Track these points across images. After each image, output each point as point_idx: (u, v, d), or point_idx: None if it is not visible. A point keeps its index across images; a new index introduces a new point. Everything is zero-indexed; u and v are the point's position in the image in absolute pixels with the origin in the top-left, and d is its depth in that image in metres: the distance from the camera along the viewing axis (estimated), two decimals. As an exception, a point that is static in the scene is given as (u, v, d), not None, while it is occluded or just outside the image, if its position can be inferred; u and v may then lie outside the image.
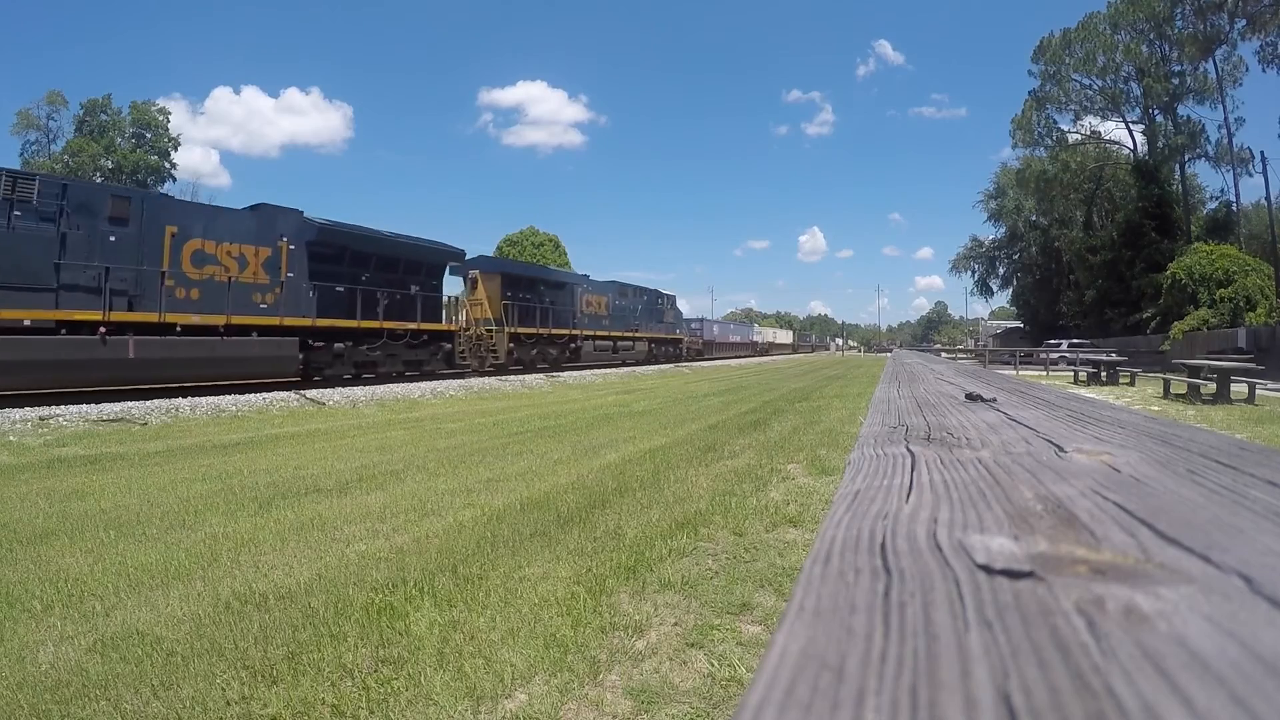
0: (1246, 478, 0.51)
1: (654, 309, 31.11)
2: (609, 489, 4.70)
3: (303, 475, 5.34)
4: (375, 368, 15.37)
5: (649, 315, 30.27)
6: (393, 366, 15.76)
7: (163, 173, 48.39)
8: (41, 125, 46.23)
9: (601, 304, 25.87)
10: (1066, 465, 0.59)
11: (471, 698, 1.98)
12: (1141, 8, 33.76)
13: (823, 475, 5.03)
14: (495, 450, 6.58)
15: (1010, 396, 1.35)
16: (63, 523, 3.97)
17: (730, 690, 2.04)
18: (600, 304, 25.76)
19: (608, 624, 2.47)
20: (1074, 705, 0.21)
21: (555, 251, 63.61)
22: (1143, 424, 0.86)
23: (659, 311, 31.62)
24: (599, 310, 25.64)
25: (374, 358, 15.14)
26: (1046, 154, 40.52)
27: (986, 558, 0.35)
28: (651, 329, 30.42)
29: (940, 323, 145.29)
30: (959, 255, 56.64)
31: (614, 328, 26.55)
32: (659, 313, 31.60)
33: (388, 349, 15.46)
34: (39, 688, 2.07)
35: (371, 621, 2.50)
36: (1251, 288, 25.23)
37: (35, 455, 6.41)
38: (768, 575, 2.95)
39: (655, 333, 30.90)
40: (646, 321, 29.92)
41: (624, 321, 27.48)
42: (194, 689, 2.04)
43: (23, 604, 2.75)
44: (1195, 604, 0.28)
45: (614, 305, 26.76)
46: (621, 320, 27.27)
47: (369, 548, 3.45)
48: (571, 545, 3.42)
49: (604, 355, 25.78)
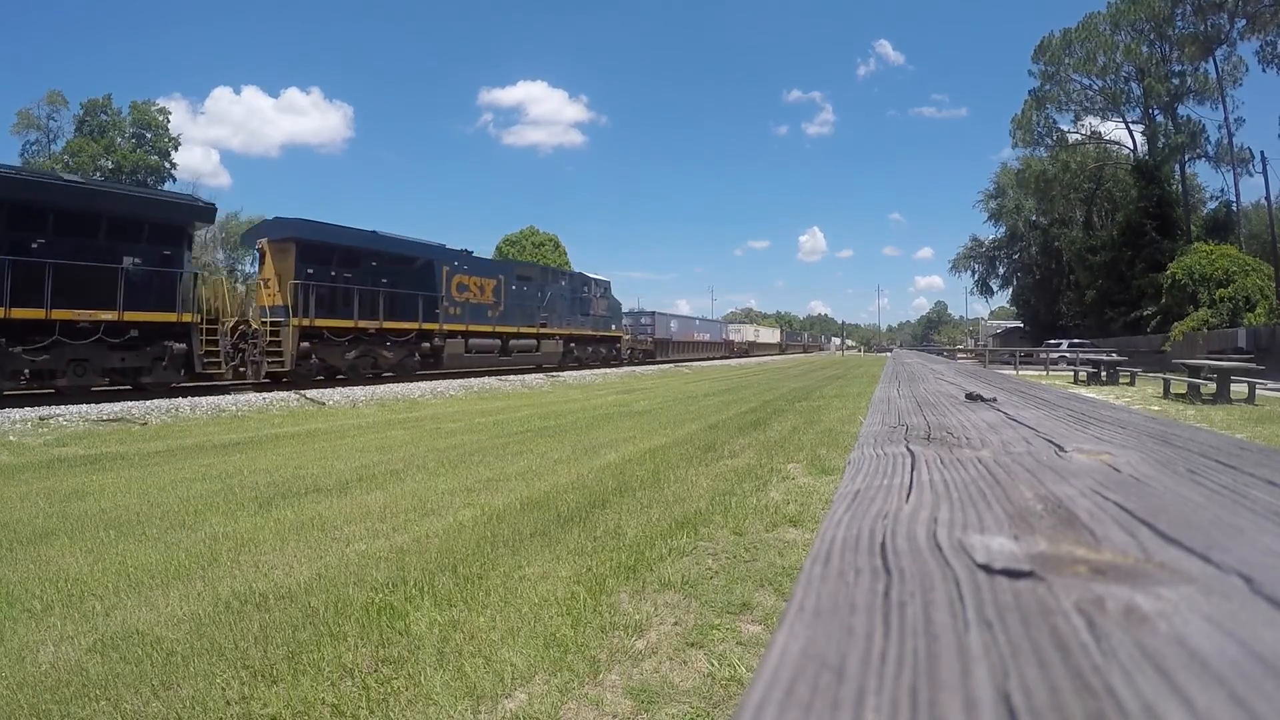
0: (1246, 478, 0.51)
1: (577, 298, 23.80)
2: (609, 489, 4.70)
3: (303, 475, 5.34)
4: (52, 379, 10.34)
5: (568, 306, 23.14)
6: (79, 378, 10.46)
7: (163, 173, 48.37)
8: (42, 125, 46.24)
9: (486, 289, 18.93)
10: (1066, 465, 0.59)
11: (471, 697, 1.98)
12: (1142, 8, 33.77)
13: (823, 475, 5.03)
14: (495, 450, 6.58)
15: (1010, 396, 1.35)
16: (63, 523, 3.97)
17: (730, 690, 2.04)
18: (484, 289, 18.86)
19: (608, 623, 2.47)
20: (1074, 705, 0.21)
21: (555, 251, 63.61)
22: (1143, 424, 0.86)
23: (583, 301, 24.19)
24: (482, 297, 18.72)
25: (38, 365, 9.98)
26: (1046, 154, 40.57)
27: (986, 557, 0.35)
28: (572, 323, 23.21)
29: (940, 323, 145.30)
30: (959, 255, 56.70)
31: (508, 321, 19.65)
32: (583, 302, 24.16)
33: (67, 352, 10.16)
34: (39, 688, 2.07)
35: (371, 621, 2.50)
36: (1251, 288, 25.24)
37: (35, 455, 6.41)
38: (768, 575, 2.95)
39: (577, 328, 23.46)
40: (564, 314, 22.77)
41: (525, 313, 20.41)
42: (194, 689, 2.04)
43: (23, 604, 2.76)
44: (1195, 604, 0.28)
45: (509, 292, 19.81)
46: (521, 312, 20.23)
47: (369, 547, 3.45)
48: (571, 545, 3.42)
49: (488, 358, 19.09)
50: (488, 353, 18.95)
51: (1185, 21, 33.31)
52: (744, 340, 53.07)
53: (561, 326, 22.50)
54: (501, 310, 19.51)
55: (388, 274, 15.69)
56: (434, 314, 16.87)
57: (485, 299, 18.96)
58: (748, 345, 53.36)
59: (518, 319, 20.13)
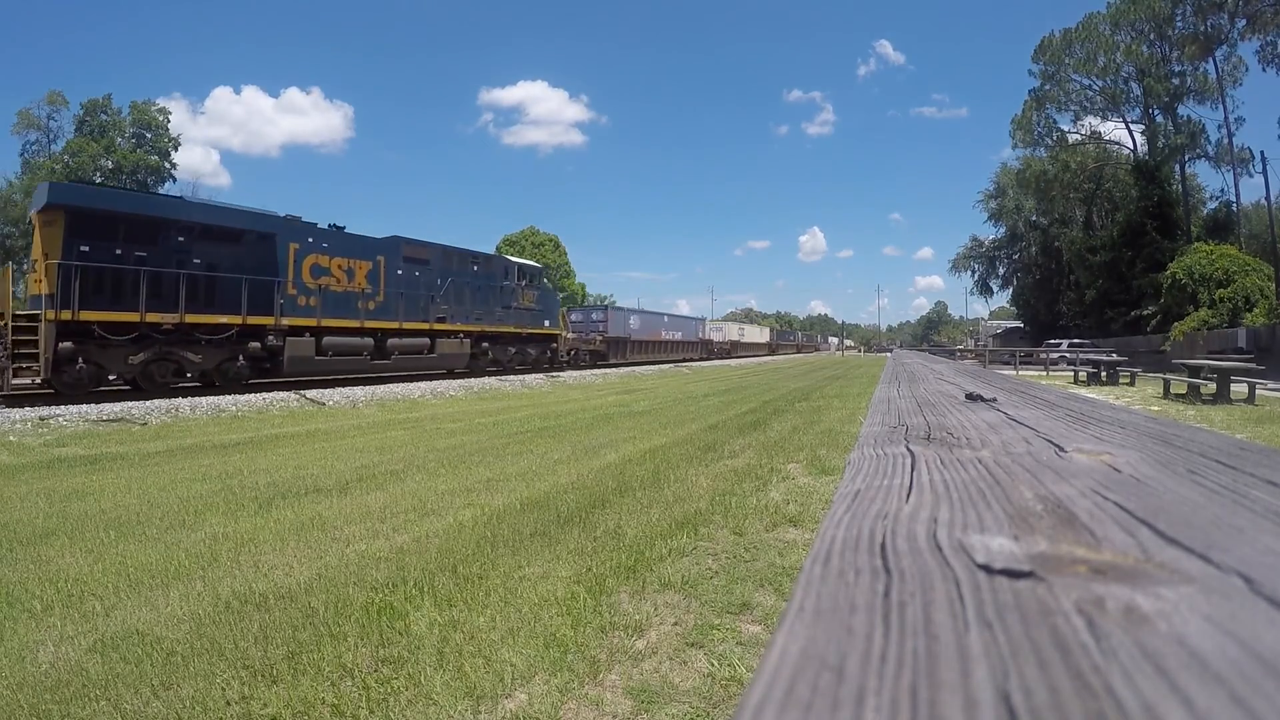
0: (1246, 478, 0.51)
1: (494, 287, 18.96)
2: (609, 489, 4.70)
3: (303, 475, 5.34)
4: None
5: (481, 297, 18.44)
6: None
7: (163, 173, 48.35)
8: (42, 125, 46.21)
9: (357, 273, 14.65)
10: (1066, 465, 0.59)
11: (471, 697, 1.98)
12: (1142, 8, 33.78)
13: (823, 475, 5.03)
14: (495, 450, 6.58)
15: (1010, 396, 1.35)
16: (63, 523, 3.97)
17: (730, 690, 2.04)
18: (353, 274, 14.56)
19: (608, 624, 2.47)
20: (1074, 705, 0.21)
21: (555, 251, 63.63)
22: (1143, 424, 0.86)
23: (503, 291, 19.34)
24: (349, 284, 14.49)
25: None
26: (1046, 154, 40.57)
27: (986, 557, 0.35)
28: (487, 318, 18.56)
29: (940, 323, 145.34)
30: (959, 255, 56.73)
31: (388, 315, 15.23)
32: (503, 293, 19.34)
33: None
34: (39, 688, 2.07)
35: (371, 621, 2.50)
36: (1251, 288, 25.23)
37: (35, 455, 6.41)
38: (768, 575, 2.95)
39: (493, 324, 18.72)
40: (475, 306, 18.17)
41: (415, 305, 16.07)
42: (194, 689, 2.04)
43: (23, 604, 2.75)
44: (1195, 604, 0.28)
45: (391, 277, 15.45)
46: (410, 303, 15.89)
47: (369, 547, 3.45)
48: (571, 545, 3.42)
49: (355, 362, 14.52)
50: (354, 355, 14.35)
51: (1185, 21, 33.33)
52: (725, 340, 47.25)
53: (470, 322, 17.83)
54: (380, 301, 15.07)
55: (202, 252, 11.97)
56: (269, 304, 12.67)
57: (355, 286, 14.57)
58: (730, 345, 47.71)
59: (403, 312, 15.59)
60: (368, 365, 14.79)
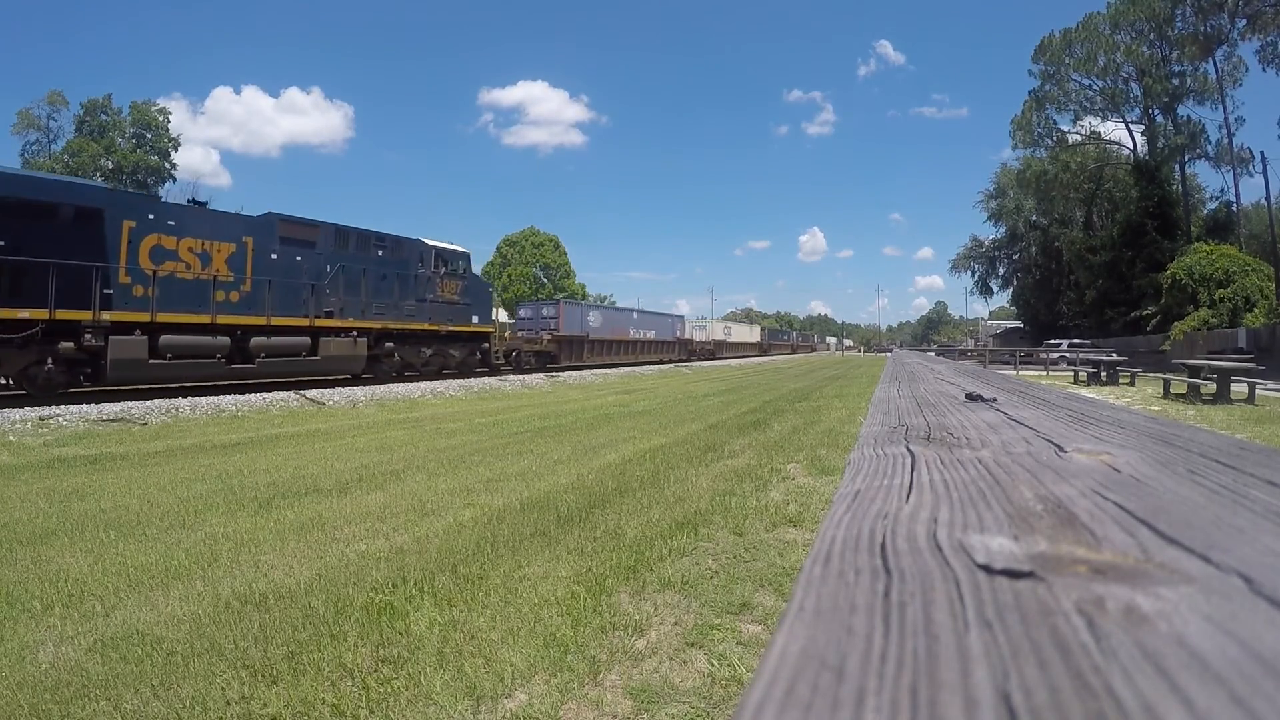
0: (1246, 478, 0.51)
1: (403, 275, 15.88)
2: (609, 489, 4.70)
3: (303, 475, 5.34)
4: None
5: (386, 287, 15.41)
6: None
7: (163, 173, 48.39)
8: (42, 125, 46.24)
9: (215, 257, 12.06)
10: (1066, 465, 0.59)
11: (471, 697, 1.98)
12: (1141, 8, 33.78)
13: (823, 475, 5.03)
14: (495, 450, 6.58)
15: (1010, 396, 1.35)
16: (63, 523, 3.97)
17: (730, 690, 2.04)
18: (210, 257, 11.99)
19: (608, 623, 2.47)
20: (1074, 705, 0.21)
21: (555, 251, 63.59)
22: (1143, 424, 0.86)
23: (419, 282, 16.34)
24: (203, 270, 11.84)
25: None
26: (1046, 154, 40.58)
27: (986, 558, 0.35)
28: (392, 312, 15.48)
29: (940, 323, 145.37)
30: (959, 255, 56.72)
31: (256, 308, 12.50)
32: (416, 283, 16.28)
33: None
34: (39, 688, 2.07)
35: (371, 621, 2.50)
36: (1251, 288, 25.24)
37: (35, 455, 6.41)
38: (768, 575, 2.95)
39: (400, 320, 15.69)
40: (376, 298, 15.08)
41: (294, 296, 13.31)
42: (194, 689, 2.04)
43: (23, 604, 2.75)
44: (1195, 604, 0.28)
45: (264, 262, 12.83)
46: (286, 293, 13.12)
47: (369, 547, 3.45)
48: (571, 545, 3.42)
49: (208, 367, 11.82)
50: (203, 357, 11.59)
51: (1185, 22, 33.34)
52: (709, 339, 42.97)
53: (368, 317, 14.83)
54: (246, 291, 12.44)
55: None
56: (86, 295, 10.19)
57: (212, 273, 11.92)
58: (715, 346, 43.40)
59: (274, 305, 12.79)
60: (224, 371, 12.07)
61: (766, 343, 59.75)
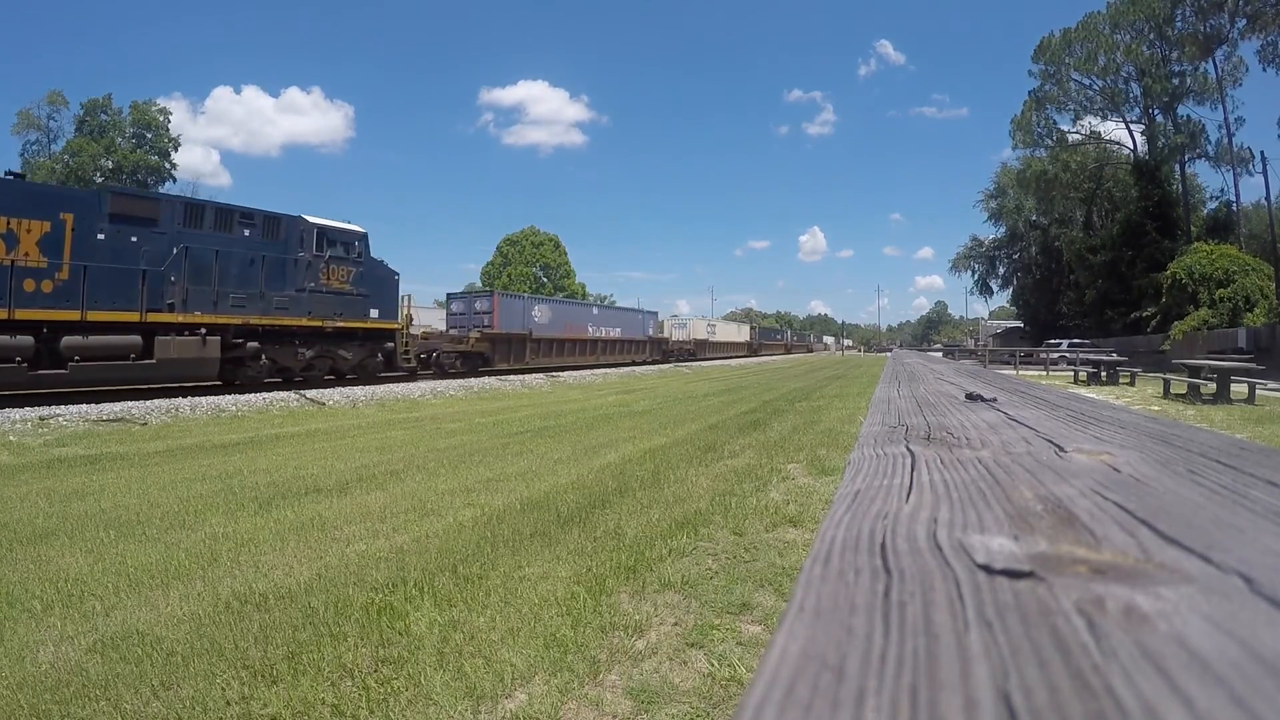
0: (1246, 478, 0.51)
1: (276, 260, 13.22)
2: (609, 489, 4.70)
3: (303, 475, 5.34)
4: None
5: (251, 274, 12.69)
6: None
7: (163, 173, 48.36)
8: (42, 125, 46.23)
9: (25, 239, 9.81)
10: (1066, 465, 0.59)
11: (471, 698, 1.98)
12: (1141, 8, 33.77)
13: (823, 475, 5.03)
14: (495, 450, 6.58)
15: (1010, 396, 1.35)
16: (63, 523, 3.97)
17: (730, 690, 2.04)
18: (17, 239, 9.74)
19: (608, 624, 2.47)
20: (1074, 705, 0.21)
21: (555, 251, 63.62)
22: (1143, 424, 0.86)
23: (298, 267, 13.56)
24: (8, 255, 9.62)
25: None
26: (1046, 154, 40.54)
27: (986, 558, 0.35)
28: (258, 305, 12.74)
29: (940, 323, 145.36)
30: (959, 255, 56.68)
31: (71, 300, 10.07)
32: (298, 269, 13.56)
33: None
34: (39, 688, 2.07)
35: (371, 621, 2.50)
36: (1251, 288, 25.23)
37: (35, 455, 6.41)
38: (768, 575, 2.95)
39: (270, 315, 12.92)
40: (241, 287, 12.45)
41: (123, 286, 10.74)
42: (194, 689, 2.04)
43: (23, 604, 2.75)
44: (1195, 604, 0.28)
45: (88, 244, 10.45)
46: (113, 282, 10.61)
47: (369, 548, 3.45)
48: (571, 545, 3.42)
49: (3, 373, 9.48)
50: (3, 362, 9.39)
51: (1185, 21, 33.33)
52: (689, 339, 38.15)
53: (224, 311, 12.09)
54: (63, 279, 10.09)
55: None
56: None
57: (12, 257, 9.62)
58: (695, 346, 38.35)
59: (94, 296, 10.34)
60: (24, 378, 9.67)
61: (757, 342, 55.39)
